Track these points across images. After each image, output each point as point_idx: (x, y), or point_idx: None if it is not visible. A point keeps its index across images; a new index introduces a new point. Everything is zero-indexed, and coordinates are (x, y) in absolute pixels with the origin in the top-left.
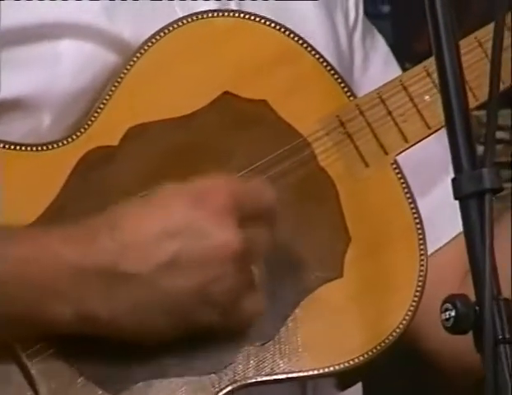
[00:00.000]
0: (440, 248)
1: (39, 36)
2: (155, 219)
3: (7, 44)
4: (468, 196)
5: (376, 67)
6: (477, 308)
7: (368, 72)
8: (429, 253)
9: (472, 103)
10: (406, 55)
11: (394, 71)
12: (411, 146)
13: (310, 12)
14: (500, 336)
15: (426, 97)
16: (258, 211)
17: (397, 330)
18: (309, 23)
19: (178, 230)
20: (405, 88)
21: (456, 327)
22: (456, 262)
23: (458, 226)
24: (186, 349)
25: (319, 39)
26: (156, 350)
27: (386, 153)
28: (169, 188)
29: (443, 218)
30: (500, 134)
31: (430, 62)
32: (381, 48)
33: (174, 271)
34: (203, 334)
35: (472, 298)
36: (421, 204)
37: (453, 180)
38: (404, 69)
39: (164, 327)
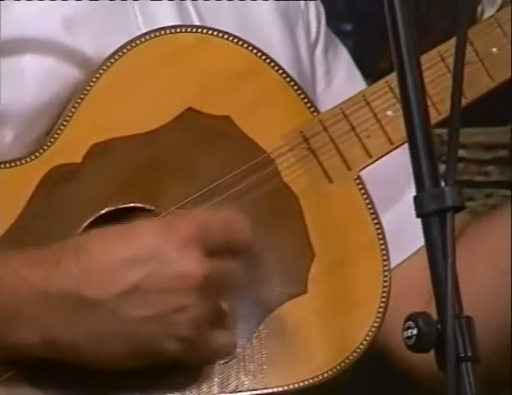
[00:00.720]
0: (404, 261)
1: (5, 51)
2: (120, 245)
3: None
4: (430, 214)
5: (339, 79)
6: (439, 326)
7: (331, 85)
8: (392, 266)
9: (436, 117)
10: (368, 73)
11: (358, 83)
12: (375, 161)
13: (271, 27)
14: (462, 355)
15: (389, 112)
16: (230, 243)
17: (362, 346)
18: (270, 37)
19: (143, 257)
20: (368, 103)
21: (418, 346)
22: (420, 274)
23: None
24: (150, 368)
25: (280, 53)
26: (120, 372)
27: (349, 168)
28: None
29: (406, 231)
30: (461, 152)
31: (393, 77)
32: (344, 60)
33: (138, 299)
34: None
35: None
36: (385, 218)
37: (415, 198)
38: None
39: (125, 354)
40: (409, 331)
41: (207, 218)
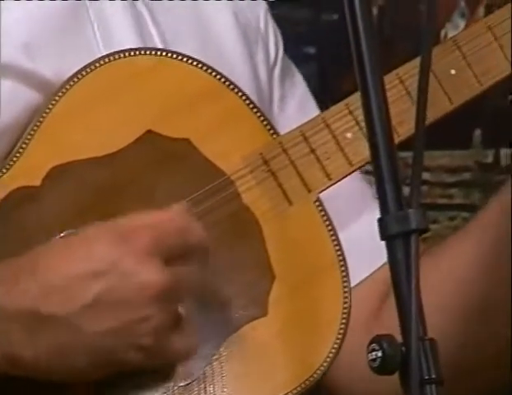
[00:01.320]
0: (361, 281)
1: None
2: (77, 259)
3: None
4: (395, 236)
5: (292, 107)
6: (403, 348)
7: (284, 111)
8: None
9: (395, 139)
10: (332, 96)
11: (310, 112)
12: (335, 183)
13: (231, 44)
14: (427, 377)
15: (349, 134)
16: (186, 249)
17: (322, 368)
18: (231, 55)
19: (101, 270)
20: (327, 125)
21: (383, 368)
22: (374, 295)
23: (379, 260)
24: (109, 390)
25: (241, 72)
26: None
27: (309, 190)
28: (92, 228)
29: (364, 252)
30: (425, 175)
31: (352, 100)
32: (300, 90)
33: (98, 312)
34: (127, 375)
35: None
36: (345, 237)
37: (380, 220)
38: None
39: (88, 367)
40: (374, 353)
41: (163, 226)
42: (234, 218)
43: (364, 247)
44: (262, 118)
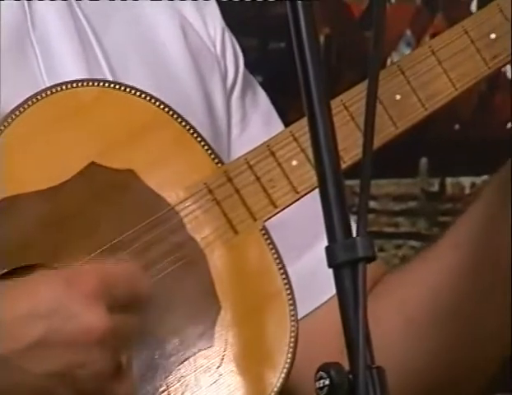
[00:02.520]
0: (316, 309)
1: None
2: (23, 300)
3: None
4: (342, 264)
5: (256, 124)
6: (350, 376)
7: (247, 130)
8: (305, 313)
9: (341, 166)
10: None
11: (276, 128)
12: (280, 211)
13: (183, 73)
14: None
15: (294, 162)
16: (132, 299)
17: None
18: (182, 84)
19: (45, 311)
20: (272, 153)
21: None
22: (331, 324)
23: (328, 292)
24: None
25: (192, 102)
26: None
27: (255, 219)
28: (39, 271)
29: (320, 279)
30: (371, 204)
31: (297, 127)
32: (262, 105)
33: (40, 354)
34: None
35: None
36: (298, 265)
37: (327, 248)
38: None
39: None
40: (321, 381)
41: (110, 271)
42: (179, 249)
43: (318, 274)
44: (206, 148)
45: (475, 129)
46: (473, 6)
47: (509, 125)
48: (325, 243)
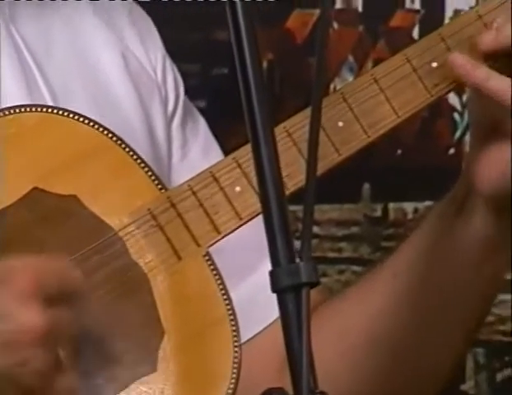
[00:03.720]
0: (257, 334)
1: None
2: None
3: None
4: (285, 289)
5: (196, 152)
6: None
7: (187, 157)
8: (248, 337)
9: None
10: (221, 150)
11: (215, 156)
12: (224, 236)
13: (124, 100)
14: None
15: (237, 188)
16: (64, 292)
17: None
18: (123, 110)
19: None
20: (216, 179)
21: None
22: (273, 347)
23: (271, 315)
24: None
25: (133, 127)
26: None
27: (198, 245)
28: None
29: (263, 302)
30: (314, 229)
31: (240, 153)
32: (202, 133)
33: None
34: None
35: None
36: (241, 288)
37: (271, 273)
38: None
39: None
40: None
41: (40, 267)
42: (122, 274)
43: (260, 299)
44: (149, 173)
45: (417, 155)
46: (415, 33)
47: (450, 151)
48: (269, 267)
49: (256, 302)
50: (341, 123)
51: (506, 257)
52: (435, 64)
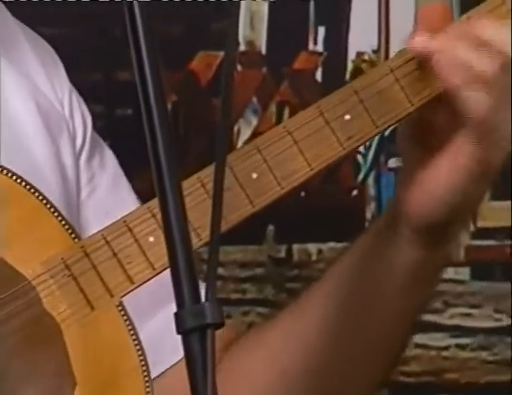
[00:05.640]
0: (162, 373)
1: None
2: None
3: None
4: (191, 330)
5: (104, 187)
6: None
7: (95, 192)
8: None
9: (197, 243)
10: None
11: (124, 192)
12: (137, 287)
13: (34, 141)
14: None
15: (151, 238)
16: None
17: None
18: (34, 152)
19: None
20: (130, 229)
21: None
22: (179, 386)
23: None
24: None
25: (45, 168)
26: None
27: (112, 295)
28: None
29: (167, 345)
30: (219, 270)
31: (155, 203)
32: (110, 168)
33: None
34: None
35: None
36: (146, 330)
37: (176, 315)
38: None
39: None
40: None
41: None
42: (34, 324)
43: (165, 341)
44: (63, 222)
45: (321, 196)
46: (318, 75)
47: (354, 193)
48: (174, 308)
49: (162, 342)
50: (255, 175)
51: (430, 289)
52: (347, 117)
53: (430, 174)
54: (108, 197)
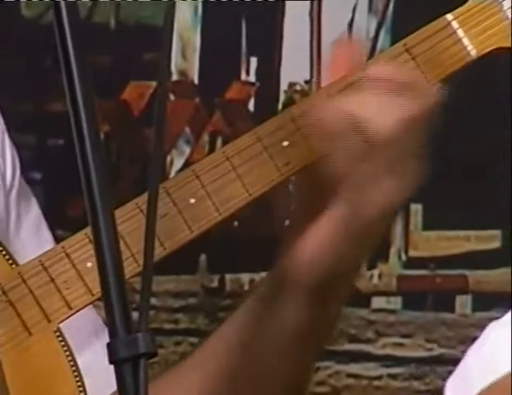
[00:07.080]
0: None
1: None
2: None
3: None
4: (123, 360)
5: (28, 230)
6: None
7: (20, 234)
8: None
9: (135, 268)
10: (58, 221)
11: (45, 236)
12: (75, 312)
13: None
14: None
15: (89, 264)
16: None
17: None
18: None
19: None
20: (67, 255)
21: None
22: None
23: (112, 387)
24: None
25: None
26: None
27: (49, 321)
28: None
29: (96, 378)
30: (151, 300)
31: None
32: (34, 211)
33: None
34: None
35: None
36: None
37: (108, 345)
38: (56, 236)
39: None
40: None
41: None
42: None
43: (100, 372)
44: (0, 248)
45: (253, 226)
46: (251, 106)
47: (286, 222)
48: (107, 338)
49: (97, 372)
50: (193, 200)
51: (318, 346)
52: (285, 143)
53: (311, 232)
54: (30, 242)
